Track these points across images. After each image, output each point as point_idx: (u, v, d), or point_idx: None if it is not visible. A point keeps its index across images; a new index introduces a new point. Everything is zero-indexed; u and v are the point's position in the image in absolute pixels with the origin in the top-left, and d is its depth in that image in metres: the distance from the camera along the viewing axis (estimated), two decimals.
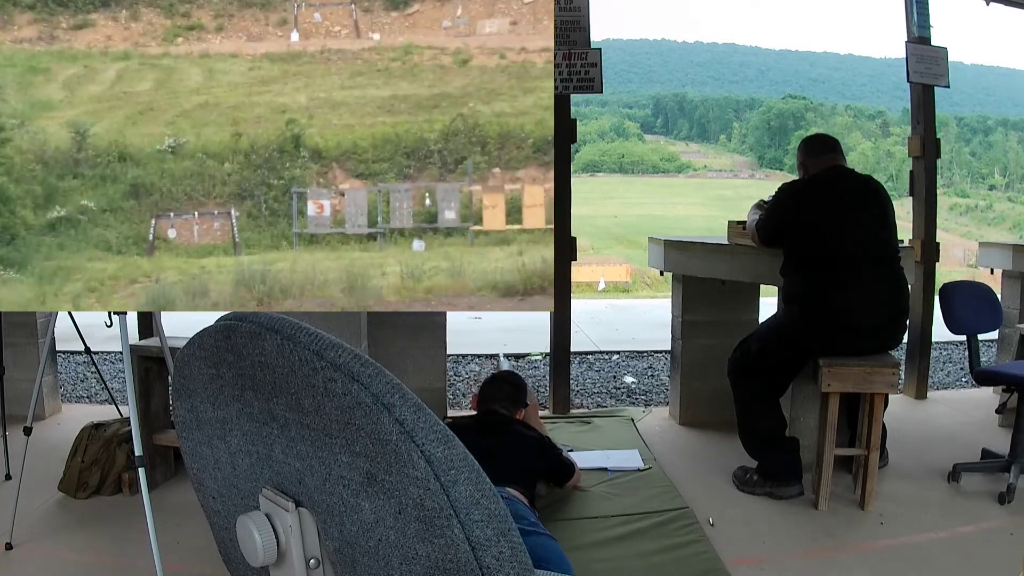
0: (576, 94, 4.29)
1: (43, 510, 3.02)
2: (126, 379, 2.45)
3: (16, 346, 3.96)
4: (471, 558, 0.60)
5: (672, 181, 62.49)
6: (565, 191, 4.05)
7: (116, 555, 2.68)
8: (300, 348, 0.65)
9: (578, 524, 2.92)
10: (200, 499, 0.89)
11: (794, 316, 3.15)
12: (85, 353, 3.57)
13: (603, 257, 36.98)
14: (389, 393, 0.62)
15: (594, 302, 11.91)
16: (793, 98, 75.52)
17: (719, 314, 4.15)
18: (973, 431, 4.04)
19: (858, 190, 3.14)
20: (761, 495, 3.19)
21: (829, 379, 2.96)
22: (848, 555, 2.71)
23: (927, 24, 4.66)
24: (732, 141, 72.66)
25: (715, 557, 2.66)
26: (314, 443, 0.67)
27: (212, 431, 0.81)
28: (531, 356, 6.16)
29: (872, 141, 64.16)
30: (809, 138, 3.44)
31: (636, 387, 5.34)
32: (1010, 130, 66.09)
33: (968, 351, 3.36)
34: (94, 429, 3.24)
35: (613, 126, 70.65)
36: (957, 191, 57.24)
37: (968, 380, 5.07)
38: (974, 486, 3.27)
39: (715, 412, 3.96)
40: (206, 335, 0.77)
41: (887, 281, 3.11)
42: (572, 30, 4.24)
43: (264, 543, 0.70)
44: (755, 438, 3.25)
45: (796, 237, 3.15)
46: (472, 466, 0.62)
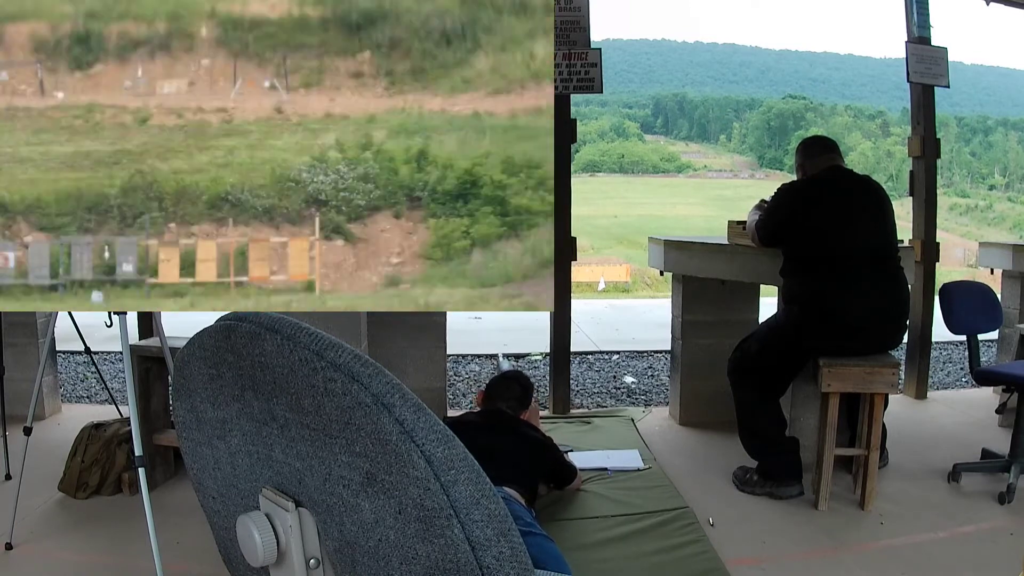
0: (576, 94, 4.29)
1: (43, 510, 3.02)
2: (126, 379, 2.45)
3: (16, 346, 3.96)
4: (471, 558, 0.60)
5: (672, 181, 62.48)
6: (565, 191, 4.05)
7: (116, 555, 2.68)
8: (300, 348, 0.65)
9: (578, 524, 2.93)
10: (200, 499, 0.89)
11: (794, 316, 3.15)
12: (85, 353, 3.58)
13: (603, 257, 36.97)
14: (389, 393, 0.62)
15: (594, 302, 11.92)
16: (793, 98, 75.52)
17: (719, 314, 4.15)
18: (973, 431, 4.05)
19: (857, 190, 3.15)
20: (761, 495, 3.19)
21: (829, 379, 2.96)
22: (848, 555, 2.72)
23: (927, 24, 4.66)
24: (732, 141, 72.65)
25: (715, 557, 2.66)
26: (314, 443, 0.67)
27: (212, 431, 0.81)
28: (531, 356, 6.16)
29: (872, 141, 64.16)
30: (807, 140, 3.44)
31: (636, 387, 5.34)
32: (1010, 130, 66.06)
33: (968, 351, 3.36)
34: (94, 429, 3.24)
35: (613, 126, 70.64)
36: (957, 191, 57.23)
37: (968, 380, 5.07)
38: (974, 486, 3.27)
39: (715, 412, 3.96)
40: (206, 335, 0.77)
41: (887, 281, 3.11)
42: (572, 30, 4.24)
43: (264, 543, 0.70)
44: (755, 438, 3.25)
45: (796, 238, 3.15)
46: (472, 466, 0.62)
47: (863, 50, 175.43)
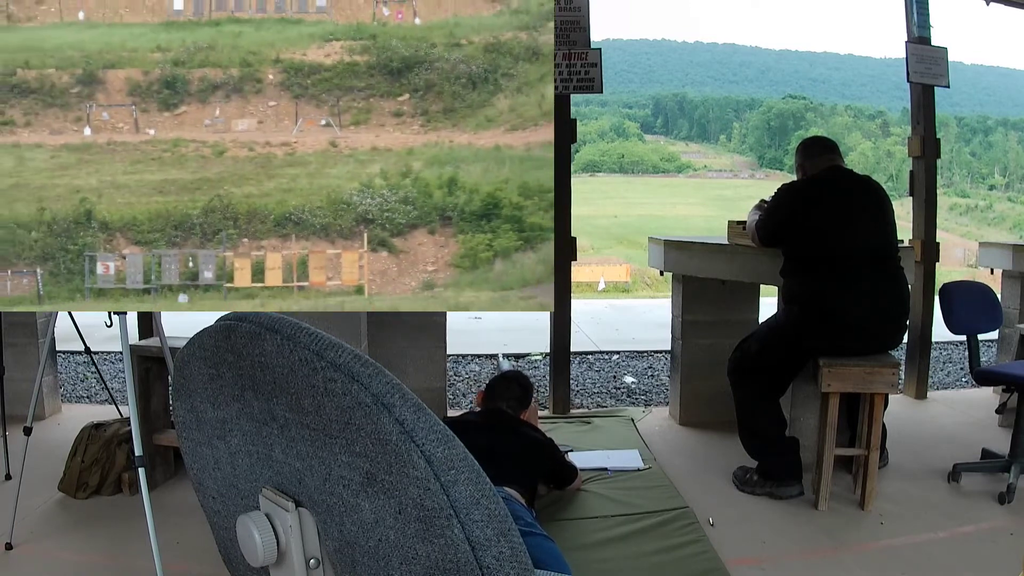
0: (576, 94, 4.29)
1: (43, 510, 3.02)
2: (126, 379, 2.45)
3: (16, 346, 3.96)
4: (471, 558, 0.60)
5: (672, 181, 62.47)
6: (565, 191, 4.06)
7: (116, 555, 2.68)
8: (300, 348, 0.65)
9: (578, 524, 2.93)
10: (200, 499, 0.89)
11: (794, 316, 3.15)
12: (85, 353, 3.57)
13: (603, 257, 36.97)
14: (389, 393, 0.62)
15: (594, 302, 11.92)
16: (793, 98, 75.51)
17: (719, 314, 4.15)
18: (973, 431, 4.05)
19: (857, 190, 3.15)
20: (761, 495, 3.19)
21: (829, 379, 2.96)
22: (848, 555, 2.71)
23: (927, 24, 4.66)
24: (732, 141, 72.64)
25: (715, 557, 2.66)
26: (314, 443, 0.67)
27: (212, 431, 0.81)
28: (531, 356, 6.16)
29: (872, 141, 64.15)
30: (807, 140, 3.44)
31: (636, 387, 5.34)
32: (1010, 130, 66.05)
33: (968, 351, 3.36)
34: (94, 429, 3.24)
35: (613, 126, 70.64)
36: (957, 191, 57.22)
37: (968, 380, 5.07)
38: (974, 486, 3.27)
39: (715, 412, 3.96)
40: (206, 335, 0.77)
41: (887, 281, 3.11)
42: (572, 30, 4.24)
43: (264, 543, 0.70)
44: (755, 438, 3.25)
45: (796, 238, 3.15)
46: (472, 466, 0.62)
47: (863, 50, 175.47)
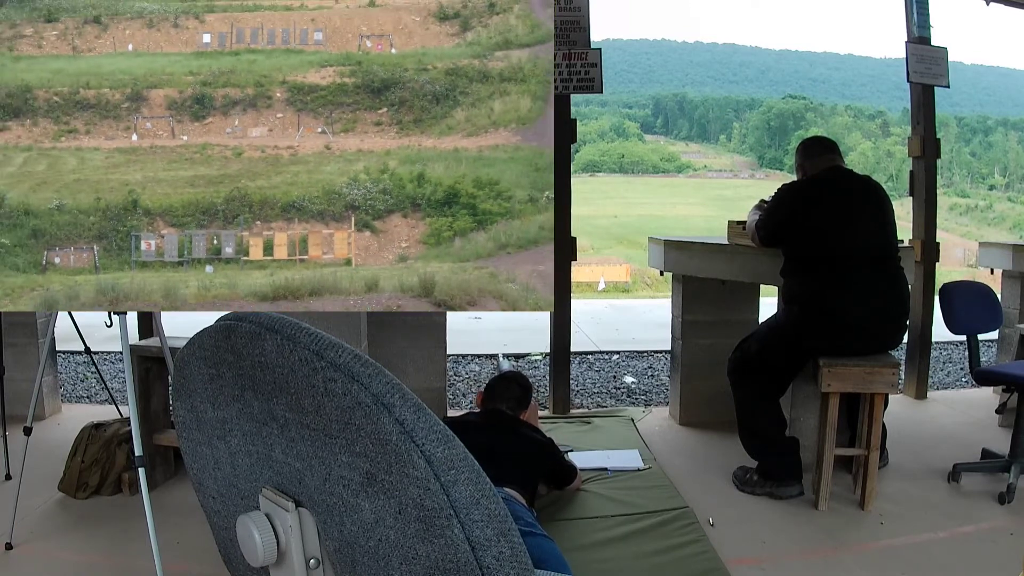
0: (576, 94, 4.29)
1: (43, 510, 3.02)
2: (126, 379, 2.46)
3: (16, 346, 3.96)
4: (471, 558, 0.60)
5: (672, 181, 62.44)
6: (565, 191, 4.06)
7: (116, 555, 2.69)
8: (300, 348, 0.65)
9: (578, 524, 2.93)
10: (200, 499, 0.89)
11: (794, 316, 3.15)
12: (85, 353, 3.58)
13: (603, 257, 36.95)
14: (389, 393, 0.62)
15: (594, 302, 11.92)
16: (793, 98, 75.46)
17: (719, 314, 4.15)
18: (973, 431, 4.05)
19: (857, 190, 3.15)
20: (761, 495, 3.19)
21: (829, 379, 2.96)
22: (848, 555, 2.72)
23: (927, 24, 4.66)
24: (732, 141, 72.60)
25: (715, 557, 2.67)
26: (314, 443, 0.67)
27: (212, 431, 0.81)
28: (531, 356, 6.16)
29: (872, 141, 64.12)
30: (807, 140, 3.45)
31: (636, 387, 5.34)
32: (1010, 130, 66.01)
33: (968, 351, 3.36)
34: (94, 429, 3.24)
35: (613, 126, 70.60)
36: (957, 191, 57.20)
37: (968, 380, 5.07)
38: (974, 486, 3.27)
39: (715, 412, 3.96)
40: (206, 335, 0.77)
41: (887, 281, 3.11)
42: (572, 30, 4.24)
43: (264, 543, 0.70)
44: (755, 438, 3.25)
45: (796, 238, 3.15)
46: (472, 466, 0.62)
47: (863, 50, 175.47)
